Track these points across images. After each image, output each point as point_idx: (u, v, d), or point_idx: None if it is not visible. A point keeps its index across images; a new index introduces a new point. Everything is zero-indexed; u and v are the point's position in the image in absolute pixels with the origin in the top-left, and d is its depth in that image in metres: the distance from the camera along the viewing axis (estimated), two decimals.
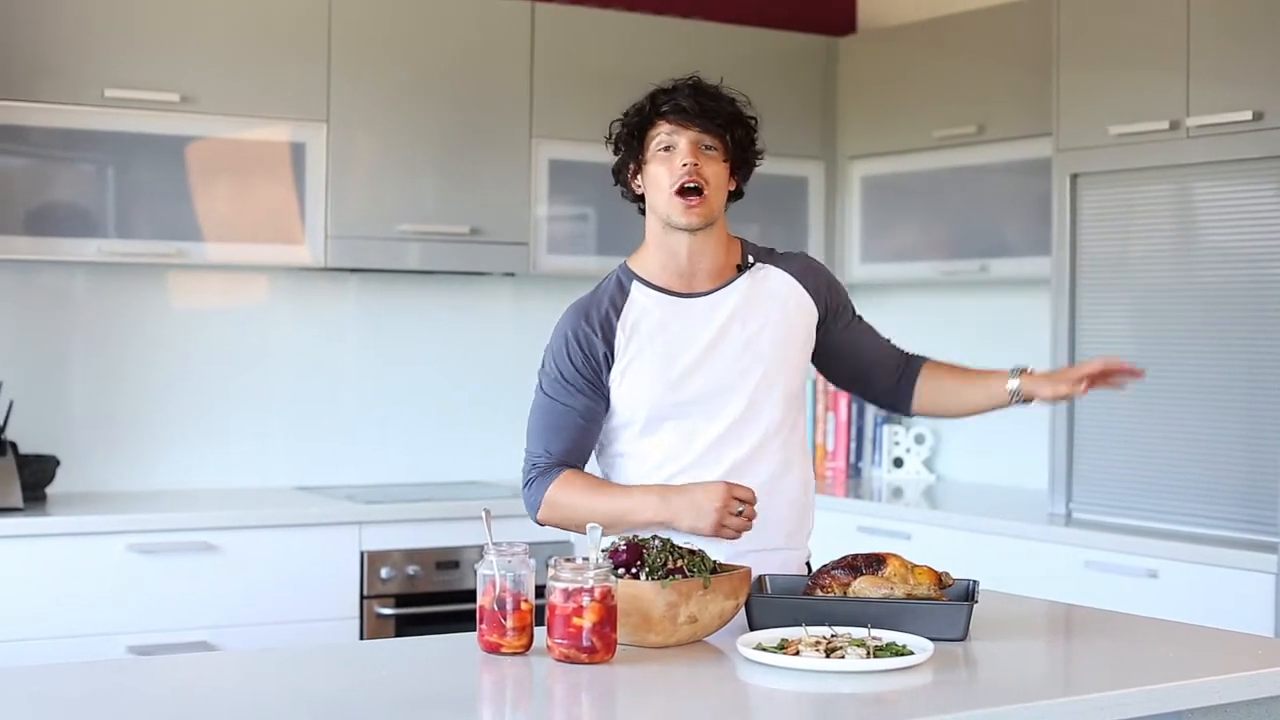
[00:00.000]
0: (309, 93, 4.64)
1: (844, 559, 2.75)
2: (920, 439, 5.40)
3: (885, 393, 3.11)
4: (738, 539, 2.74)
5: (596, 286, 2.95)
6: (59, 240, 4.39)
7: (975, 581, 2.77)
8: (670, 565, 2.55)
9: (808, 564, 3.00)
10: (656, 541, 2.60)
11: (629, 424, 2.90)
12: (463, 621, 3.92)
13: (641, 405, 2.87)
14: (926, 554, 3.15)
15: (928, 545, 4.45)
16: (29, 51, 4.31)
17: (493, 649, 2.51)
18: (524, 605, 2.50)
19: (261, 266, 4.84)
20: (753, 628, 2.63)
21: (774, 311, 2.93)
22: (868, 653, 2.42)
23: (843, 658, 2.40)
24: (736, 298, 2.92)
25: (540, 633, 2.52)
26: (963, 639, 2.62)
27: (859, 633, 2.53)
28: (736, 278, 2.93)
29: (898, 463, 5.42)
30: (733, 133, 2.87)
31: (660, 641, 2.55)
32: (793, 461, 2.95)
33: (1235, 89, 4.05)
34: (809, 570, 2.98)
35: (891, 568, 2.70)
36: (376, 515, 4.54)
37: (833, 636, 2.51)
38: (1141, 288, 4.31)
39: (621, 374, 2.87)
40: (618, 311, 2.89)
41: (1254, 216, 4.05)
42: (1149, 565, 4.01)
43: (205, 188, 4.54)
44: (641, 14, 5.20)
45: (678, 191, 2.83)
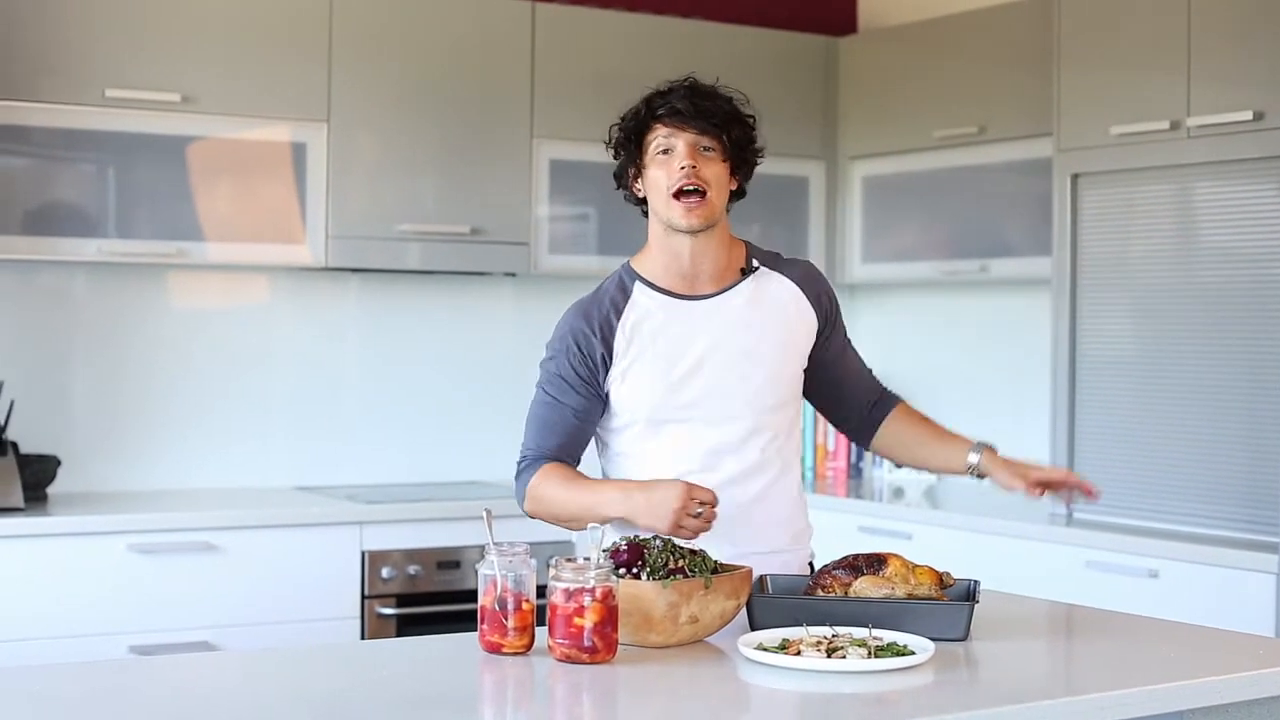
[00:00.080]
0: (310, 93, 4.65)
1: (845, 559, 2.75)
2: None
3: (851, 420, 3.11)
4: (694, 539, 2.72)
5: (599, 287, 2.94)
6: (60, 240, 4.39)
7: (976, 581, 2.77)
8: (671, 565, 2.55)
9: (810, 564, 3.01)
10: (658, 542, 2.60)
11: (630, 425, 2.90)
12: (464, 621, 3.94)
13: (642, 407, 2.87)
14: (927, 554, 3.15)
15: (929, 545, 4.45)
16: (30, 51, 4.31)
17: (494, 649, 2.51)
18: (525, 605, 2.50)
19: (262, 266, 4.84)
20: (754, 628, 2.63)
21: (776, 317, 2.92)
22: (869, 653, 2.42)
23: (844, 658, 2.40)
24: (739, 301, 2.91)
25: (541, 633, 2.52)
26: (964, 639, 2.62)
27: (860, 633, 2.53)
28: (740, 281, 2.93)
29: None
30: (730, 132, 2.86)
31: (661, 641, 2.55)
32: (791, 465, 2.96)
33: (1236, 89, 4.05)
34: (811, 570, 2.98)
35: (893, 568, 2.70)
36: (377, 515, 4.54)
37: (834, 636, 2.51)
38: (1142, 288, 4.31)
39: (622, 375, 2.87)
40: (618, 313, 2.89)
41: (1254, 217, 4.05)
42: (1150, 565, 4.01)
43: (206, 188, 4.54)
44: (642, 14, 5.20)
45: (676, 194, 2.83)
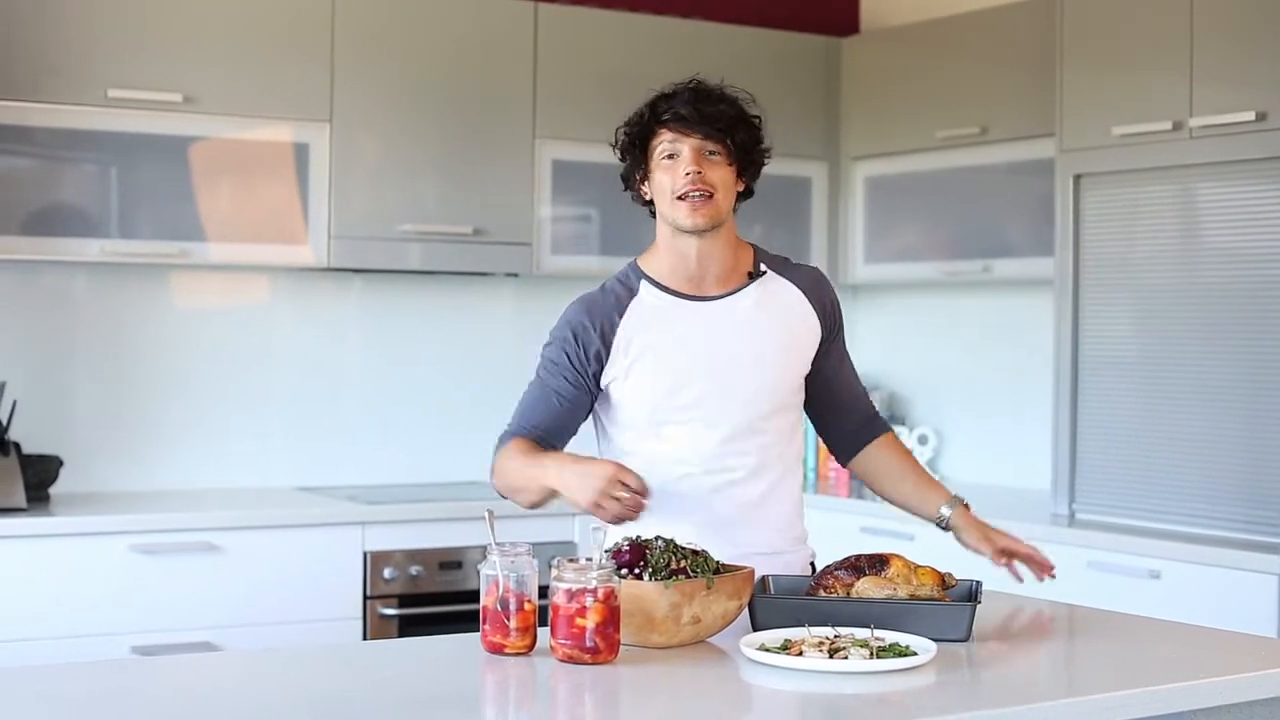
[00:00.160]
0: (312, 93, 4.65)
1: (847, 559, 2.75)
2: (924, 440, 5.39)
3: (835, 435, 3.12)
4: (614, 524, 2.70)
5: (605, 283, 2.95)
6: (62, 240, 4.39)
7: (978, 582, 2.78)
8: (674, 566, 2.55)
9: (811, 564, 3.01)
10: (660, 542, 2.60)
11: (631, 424, 2.90)
12: (466, 622, 3.93)
13: (643, 406, 2.88)
14: (929, 555, 3.14)
15: (931, 546, 4.41)
16: (32, 52, 4.31)
17: (496, 649, 2.51)
18: (527, 606, 2.50)
19: (264, 267, 4.84)
20: (756, 628, 2.63)
21: (781, 321, 2.93)
22: (871, 653, 2.42)
23: (846, 658, 2.40)
24: (745, 304, 2.92)
25: (544, 633, 2.52)
26: (966, 640, 2.62)
27: (862, 633, 2.53)
28: (747, 284, 2.93)
29: None
30: (735, 136, 2.86)
31: (663, 642, 2.55)
32: (793, 468, 2.97)
33: (1238, 90, 4.05)
34: (813, 571, 2.98)
35: (895, 568, 2.71)
36: (379, 516, 4.54)
37: (836, 637, 2.51)
38: (1145, 288, 4.30)
39: (625, 372, 2.88)
40: (621, 311, 2.89)
41: (1257, 217, 4.05)
42: (1152, 566, 4.01)
43: (208, 188, 4.54)
44: (644, 14, 5.20)
45: (681, 196, 2.83)
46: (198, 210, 4.52)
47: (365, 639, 4.41)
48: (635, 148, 2.89)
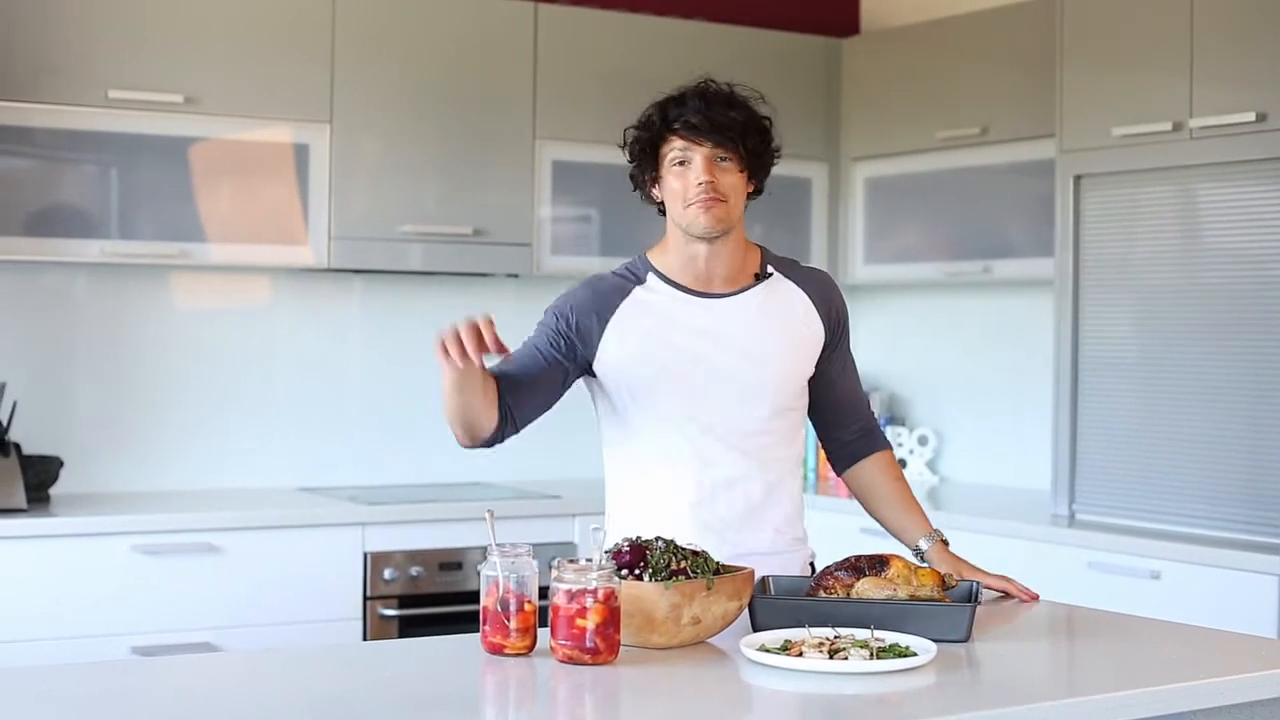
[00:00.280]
0: (312, 94, 4.65)
1: (847, 560, 2.75)
2: (924, 440, 5.39)
3: (832, 442, 3.13)
4: (453, 367, 2.72)
5: (615, 271, 2.96)
6: (62, 241, 4.39)
7: (978, 583, 2.79)
8: (674, 566, 2.55)
9: (811, 564, 3.01)
10: (660, 543, 2.60)
11: (633, 423, 2.90)
12: (466, 623, 3.94)
13: (644, 405, 2.88)
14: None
15: None
16: (32, 52, 4.31)
17: (496, 650, 2.51)
18: (527, 606, 2.50)
19: (264, 267, 4.85)
20: (756, 629, 2.63)
21: (786, 323, 2.93)
22: (871, 654, 2.42)
23: (846, 659, 2.40)
24: (751, 305, 2.92)
25: (544, 634, 2.52)
26: (966, 640, 2.62)
27: (862, 634, 2.53)
28: (753, 285, 2.93)
29: (901, 464, 5.42)
30: (746, 142, 2.86)
31: (663, 643, 2.55)
32: (794, 469, 2.97)
33: (1238, 90, 4.05)
34: (812, 571, 2.98)
35: (895, 569, 2.70)
36: (379, 516, 4.54)
37: (836, 638, 2.51)
38: (1145, 289, 4.31)
39: (626, 371, 2.88)
40: (624, 296, 2.90)
41: (1257, 218, 4.05)
42: (1152, 566, 4.01)
43: (208, 189, 4.54)
44: (645, 15, 5.20)
45: (693, 204, 2.84)
46: (198, 211, 4.52)
47: (365, 640, 4.41)
48: (645, 153, 2.89)
